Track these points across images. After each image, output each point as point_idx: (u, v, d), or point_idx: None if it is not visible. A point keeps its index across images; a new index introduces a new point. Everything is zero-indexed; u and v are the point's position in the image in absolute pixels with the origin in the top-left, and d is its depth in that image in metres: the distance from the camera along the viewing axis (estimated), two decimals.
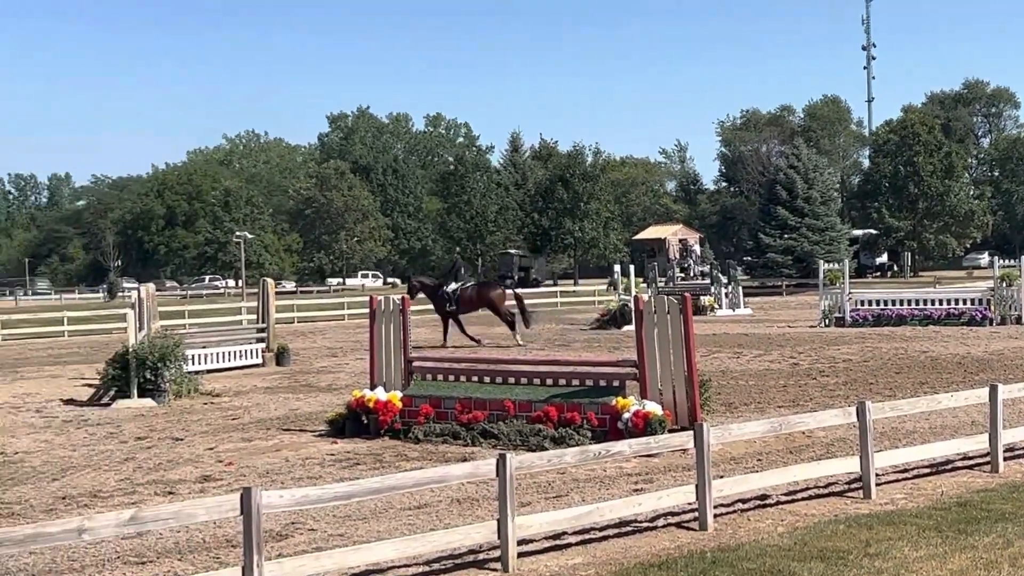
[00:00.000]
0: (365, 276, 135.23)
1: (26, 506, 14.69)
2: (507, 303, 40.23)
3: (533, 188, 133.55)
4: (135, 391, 25.28)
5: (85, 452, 18.99)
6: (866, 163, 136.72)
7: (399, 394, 19.75)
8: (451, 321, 40.15)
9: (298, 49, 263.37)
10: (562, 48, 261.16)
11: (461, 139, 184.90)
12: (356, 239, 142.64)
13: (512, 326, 39.65)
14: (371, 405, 19.56)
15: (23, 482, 16.42)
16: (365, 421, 19.64)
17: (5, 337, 52.27)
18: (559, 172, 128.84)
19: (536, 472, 13.89)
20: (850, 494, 13.97)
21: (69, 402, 26.19)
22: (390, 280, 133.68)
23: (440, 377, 20.23)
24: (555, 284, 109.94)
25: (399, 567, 11.09)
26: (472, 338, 38.98)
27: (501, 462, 11.07)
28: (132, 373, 25.31)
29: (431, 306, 42.28)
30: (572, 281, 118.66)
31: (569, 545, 11.93)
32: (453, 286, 40.12)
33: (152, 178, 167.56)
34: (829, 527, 12.28)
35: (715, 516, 12.63)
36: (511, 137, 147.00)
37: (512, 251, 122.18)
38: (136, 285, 65.30)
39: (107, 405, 25.24)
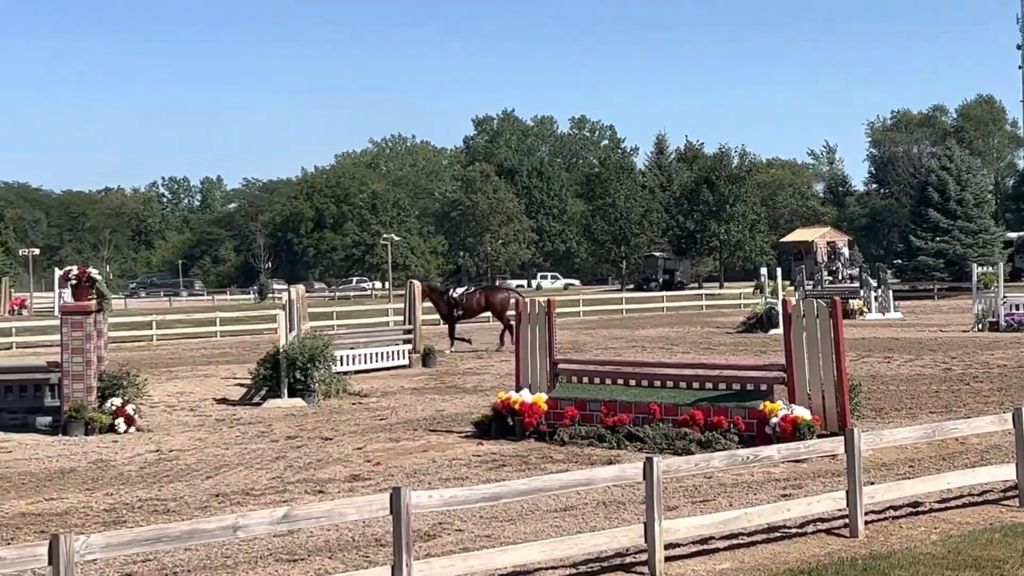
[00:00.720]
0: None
1: (181, 503, 15.01)
2: (509, 312, 39.77)
3: (678, 190, 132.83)
4: (285, 391, 25.70)
5: (237, 451, 19.36)
6: (1021, 164, 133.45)
7: (544, 396, 19.79)
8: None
9: (444, 53, 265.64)
10: (708, 49, 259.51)
11: (606, 141, 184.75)
12: (501, 241, 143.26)
13: (511, 330, 39.07)
14: (517, 407, 19.63)
15: (178, 479, 16.80)
16: (511, 423, 19.71)
17: (160, 337, 53.51)
18: (704, 174, 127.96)
19: (683, 476, 13.80)
20: (1005, 502, 13.65)
21: (222, 401, 26.72)
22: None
23: (585, 380, 20.23)
24: (700, 287, 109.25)
25: (545, 569, 11.11)
26: (463, 339, 39.95)
27: (648, 465, 11.02)
28: (282, 373, 25.74)
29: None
30: (717, 284, 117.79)
31: (716, 550, 11.84)
32: (459, 291, 40.49)
33: (301, 181, 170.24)
34: (984, 535, 12.01)
35: (866, 523, 12.44)
36: (656, 139, 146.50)
37: (657, 253, 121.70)
38: (285, 286, 66.40)
39: (258, 404, 25.71)
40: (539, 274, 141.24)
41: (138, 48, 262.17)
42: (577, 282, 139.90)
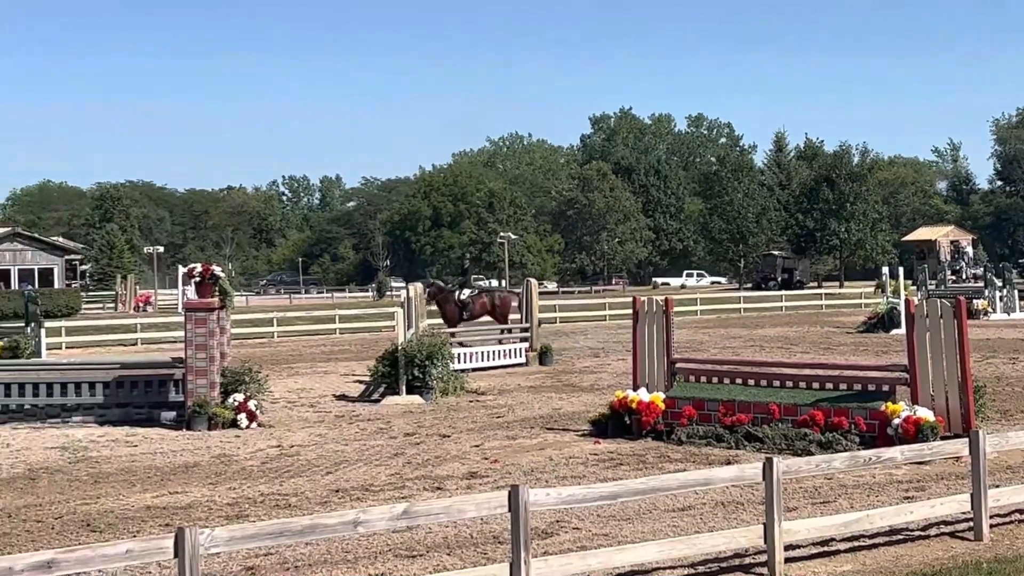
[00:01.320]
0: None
1: (302, 498, 15.20)
2: (513, 315, 39.08)
3: (797, 188, 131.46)
4: (404, 388, 25.91)
5: (357, 447, 19.55)
6: None
7: (662, 395, 19.71)
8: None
9: (561, 51, 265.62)
10: (828, 46, 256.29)
11: (724, 139, 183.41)
12: (617, 240, 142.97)
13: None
14: (634, 406, 19.58)
15: (299, 474, 17.01)
16: (628, 422, 19.66)
17: (280, 334, 54.23)
18: (824, 172, 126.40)
19: (803, 477, 13.65)
20: None
21: (341, 397, 27.00)
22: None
23: (703, 379, 20.11)
24: (819, 286, 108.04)
25: (663, 569, 11.07)
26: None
27: (768, 466, 10.93)
28: (401, 370, 25.94)
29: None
30: (837, 283, 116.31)
31: (837, 552, 11.70)
32: (467, 293, 38.41)
33: (419, 180, 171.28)
34: None
35: (991, 526, 12.21)
36: (775, 137, 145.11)
37: (775, 252, 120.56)
38: (403, 284, 66.86)
39: (377, 401, 25.93)
40: (685, 272, 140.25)
41: (260, 49, 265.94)
42: (723, 279, 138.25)
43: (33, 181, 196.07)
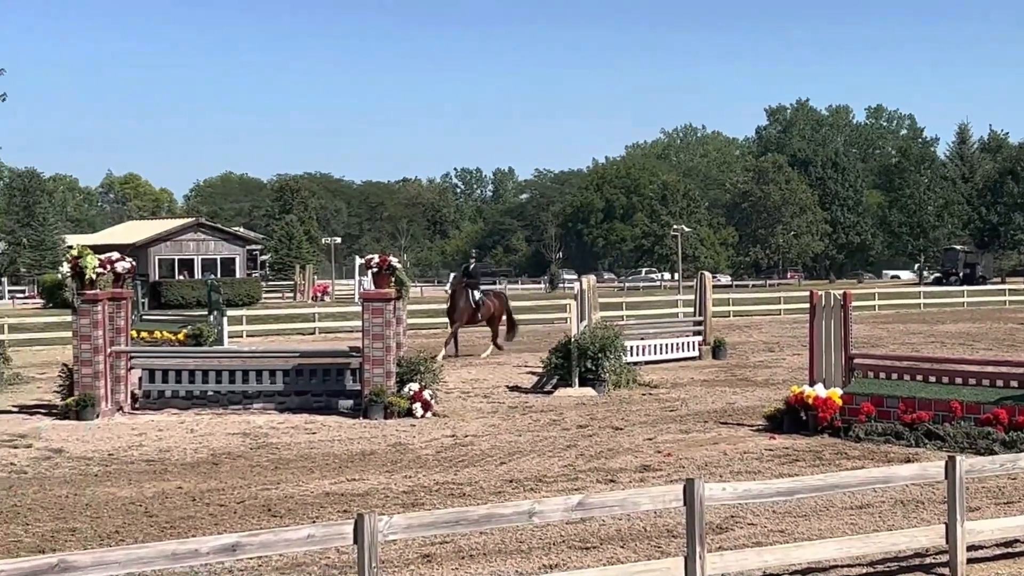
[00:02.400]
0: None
1: (476, 487, 15.33)
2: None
3: (981, 182, 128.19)
4: (576, 380, 25.93)
5: (530, 437, 19.64)
6: None
7: (839, 391, 19.39)
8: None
9: (736, 42, 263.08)
10: (1013, 35, 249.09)
11: (904, 131, 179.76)
12: (793, 233, 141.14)
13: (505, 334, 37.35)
14: (810, 401, 19.31)
15: (473, 464, 17.15)
16: (804, 417, 19.40)
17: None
18: (1009, 165, 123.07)
19: (986, 476, 13.32)
20: None
21: (514, 389, 27.13)
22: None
23: (882, 375, 19.72)
24: (1003, 282, 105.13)
25: (841, 566, 10.90)
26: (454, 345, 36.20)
27: (950, 464, 10.68)
28: (574, 362, 25.97)
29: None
30: (1022, 279, 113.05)
31: (1022, 554, 11.38)
32: (478, 294, 36.13)
33: (592, 172, 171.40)
34: None
35: None
36: (958, 129, 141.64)
37: (957, 247, 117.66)
38: (575, 277, 66.81)
39: (549, 393, 26.00)
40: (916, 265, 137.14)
41: (433, 44, 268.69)
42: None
43: (215, 173, 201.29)
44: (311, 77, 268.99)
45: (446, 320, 56.54)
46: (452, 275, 34.21)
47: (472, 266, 37.05)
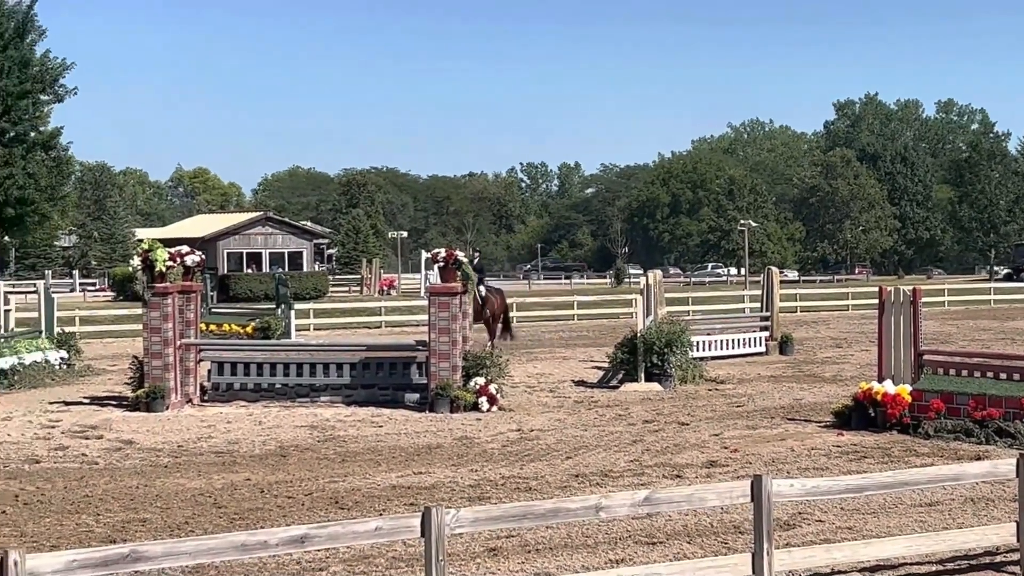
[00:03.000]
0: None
1: (542, 481, 15.33)
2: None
3: None
4: (642, 375, 25.87)
5: (595, 432, 19.61)
6: None
7: (908, 388, 19.21)
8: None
9: (805, 36, 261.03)
10: None
11: (976, 125, 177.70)
12: (861, 228, 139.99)
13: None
14: (879, 398, 19.15)
15: (538, 458, 17.16)
16: (872, 414, 19.24)
17: (518, 319, 54.77)
18: None
19: None
20: None
21: (579, 383, 27.12)
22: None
23: (952, 372, 19.51)
24: None
25: (910, 564, 10.81)
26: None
27: (1022, 462, 10.55)
28: (639, 357, 25.90)
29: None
30: None
31: None
32: (483, 290, 33.54)
33: (658, 167, 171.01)
34: None
35: None
36: None
37: None
38: (641, 271, 66.63)
39: (615, 388, 25.95)
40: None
41: (498, 40, 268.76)
42: None
43: (283, 167, 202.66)
44: (379, 72, 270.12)
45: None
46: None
47: (475, 261, 33.08)
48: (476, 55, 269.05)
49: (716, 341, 32.52)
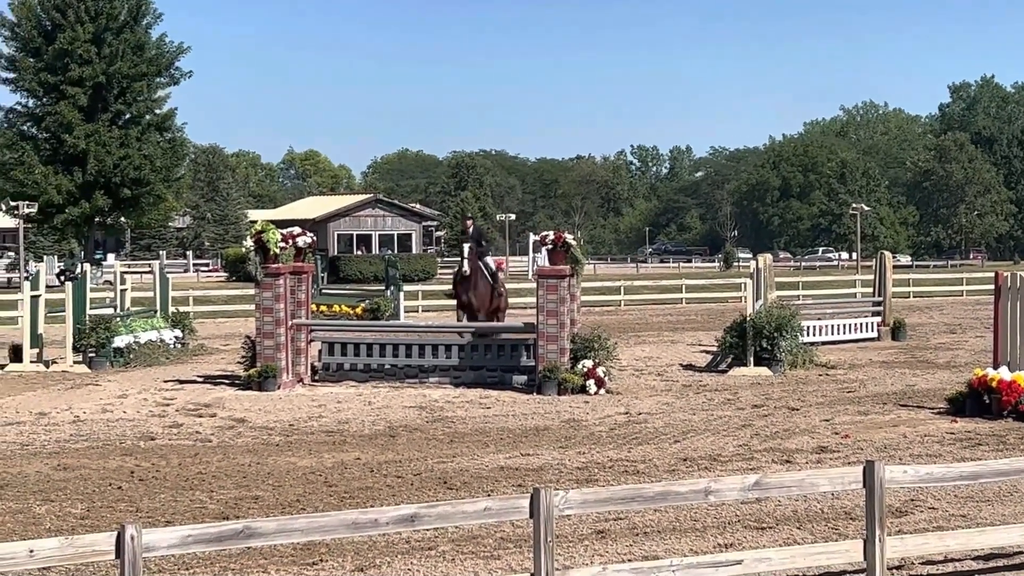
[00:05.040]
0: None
1: (650, 465, 15.30)
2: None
3: None
4: (751, 359, 25.66)
5: (704, 416, 19.51)
6: None
7: None
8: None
9: (920, 16, 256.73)
10: None
11: None
12: (976, 213, 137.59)
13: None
14: (994, 385, 18.81)
15: (646, 442, 17.12)
16: (987, 401, 18.91)
17: (627, 303, 54.65)
18: None
19: None
20: None
21: (687, 367, 26.99)
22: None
23: None
24: None
25: None
26: None
27: None
28: (749, 342, 25.69)
29: None
30: None
31: None
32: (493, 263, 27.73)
33: (768, 150, 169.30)
34: None
35: None
36: None
37: None
38: (750, 255, 66.07)
39: (724, 372, 25.78)
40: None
41: (607, 18, 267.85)
42: None
43: (392, 150, 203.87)
44: (487, 55, 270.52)
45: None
46: (466, 246, 26.26)
47: (471, 229, 27.15)
48: (587, 37, 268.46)
49: (827, 326, 32.16)
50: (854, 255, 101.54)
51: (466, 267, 26.01)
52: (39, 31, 70.88)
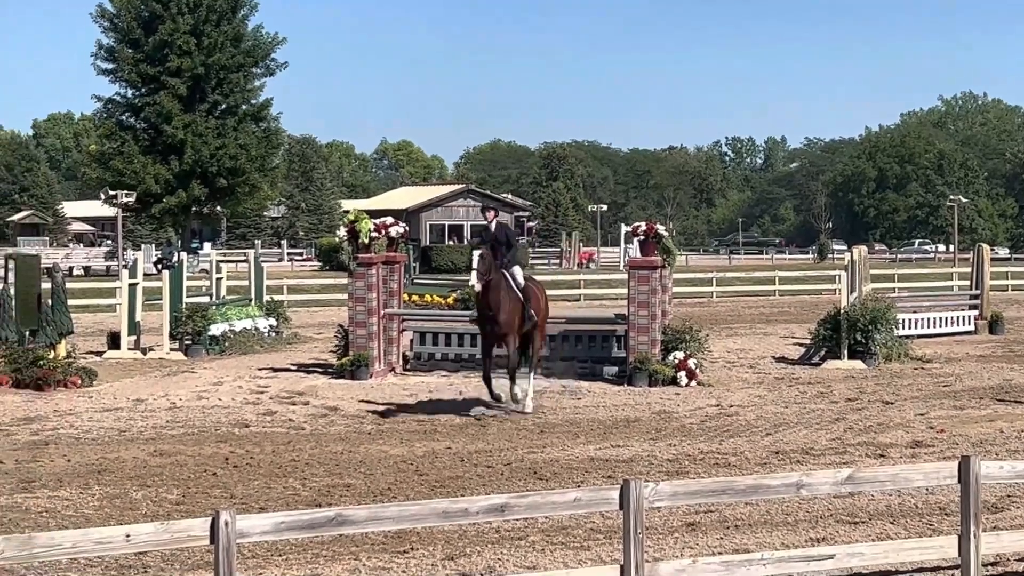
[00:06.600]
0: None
1: (741, 457, 15.21)
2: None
3: None
4: (845, 352, 25.39)
5: (796, 409, 19.36)
6: None
7: None
8: None
9: (1019, 7, 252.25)
10: None
11: None
12: None
13: None
14: None
15: (738, 434, 17.02)
16: None
17: (719, 295, 54.35)
18: None
19: None
20: None
21: (780, 360, 26.78)
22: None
23: None
24: None
25: None
26: None
27: None
28: (843, 334, 25.42)
29: None
30: None
31: None
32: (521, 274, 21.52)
33: (864, 141, 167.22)
34: None
35: None
36: None
37: None
38: (844, 247, 65.39)
39: (817, 365, 25.54)
40: None
41: (700, 9, 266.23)
42: None
43: (484, 140, 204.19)
44: (580, 45, 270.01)
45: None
46: (476, 252, 18.94)
47: (492, 227, 20.02)
48: (682, 28, 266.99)
49: (922, 319, 31.75)
50: (951, 248, 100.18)
51: (474, 283, 18.64)
52: (138, 22, 71.81)
